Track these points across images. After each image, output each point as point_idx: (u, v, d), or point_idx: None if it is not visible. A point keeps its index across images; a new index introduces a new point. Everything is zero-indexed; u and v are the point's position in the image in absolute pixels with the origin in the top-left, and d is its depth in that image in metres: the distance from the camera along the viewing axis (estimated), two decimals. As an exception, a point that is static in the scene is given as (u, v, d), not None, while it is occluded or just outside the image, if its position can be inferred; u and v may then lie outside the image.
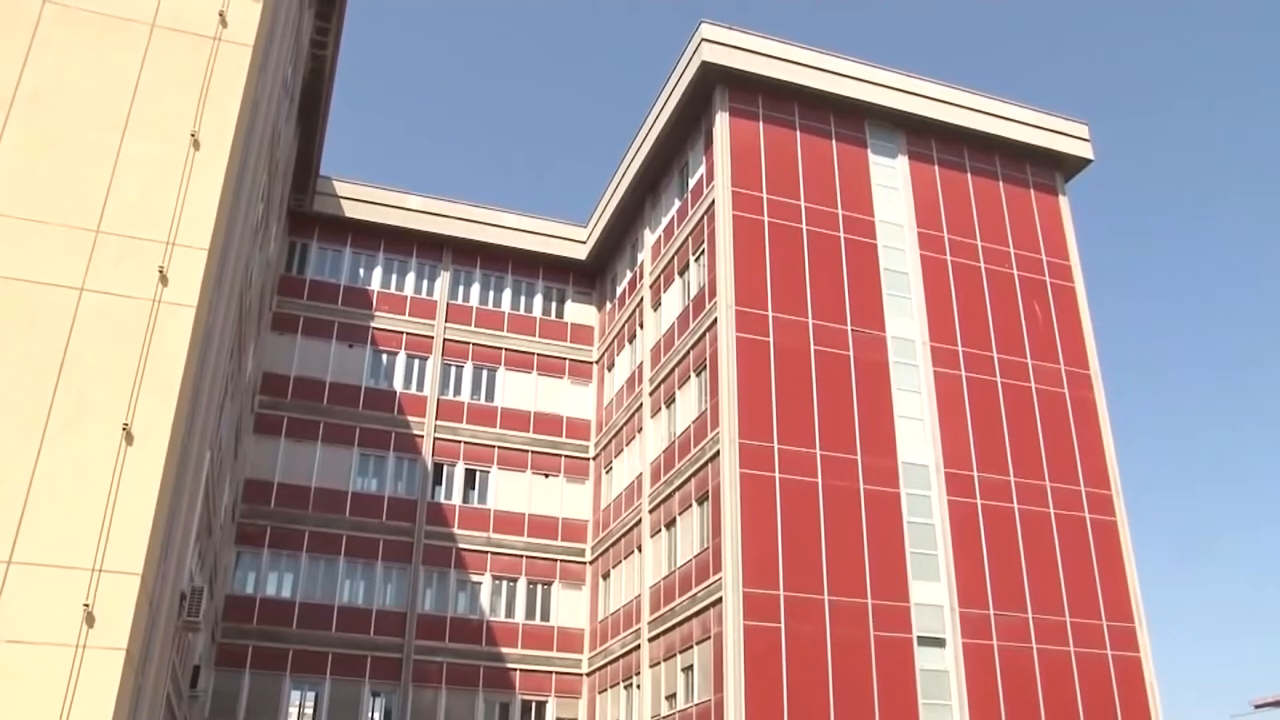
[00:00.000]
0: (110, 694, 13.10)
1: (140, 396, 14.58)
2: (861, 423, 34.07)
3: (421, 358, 43.78)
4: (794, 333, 34.44)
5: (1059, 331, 38.42)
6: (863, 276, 36.38)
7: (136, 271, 15.34)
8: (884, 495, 33.36)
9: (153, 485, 14.18)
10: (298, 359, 41.91)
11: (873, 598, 31.84)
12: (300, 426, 40.92)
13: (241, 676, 36.86)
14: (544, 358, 45.45)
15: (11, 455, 13.86)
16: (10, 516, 13.56)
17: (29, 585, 13.31)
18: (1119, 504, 36.34)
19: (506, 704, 39.63)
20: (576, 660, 41.01)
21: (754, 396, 33.01)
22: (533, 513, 42.56)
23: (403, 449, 41.90)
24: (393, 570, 40.18)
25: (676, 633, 33.49)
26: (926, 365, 35.93)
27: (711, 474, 32.80)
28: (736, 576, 30.54)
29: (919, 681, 31.50)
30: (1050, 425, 36.63)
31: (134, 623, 13.52)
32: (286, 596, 38.61)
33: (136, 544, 13.83)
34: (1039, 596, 33.88)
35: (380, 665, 38.53)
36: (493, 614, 40.66)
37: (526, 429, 43.84)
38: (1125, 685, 33.75)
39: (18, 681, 12.86)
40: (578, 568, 42.42)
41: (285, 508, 39.53)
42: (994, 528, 34.35)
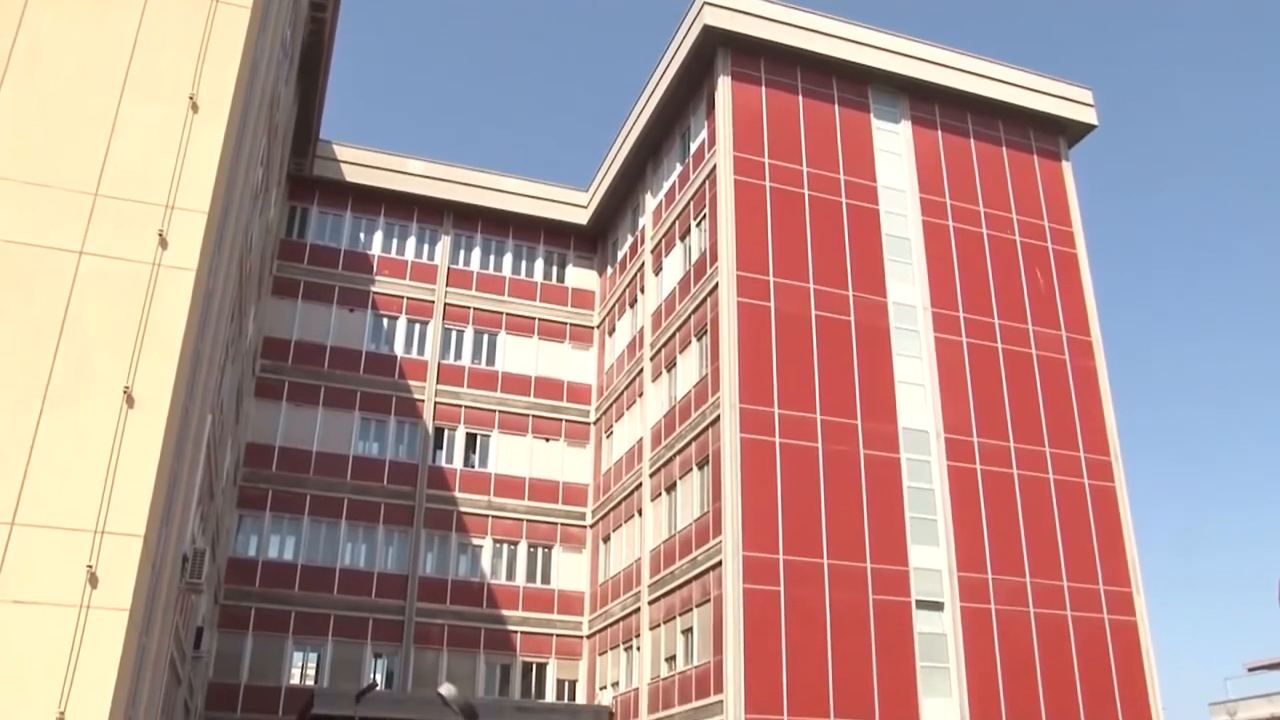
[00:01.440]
0: (114, 654, 13.20)
1: (141, 360, 14.59)
2: (862, 388, 34.12)
3: (422, 322, 43.79)
4: (795, 298, 34.42)
5: (1060, 298, 38.39)
6: (864, 242, 36.31)
7: (136, 235, 15.32)
8: (884, 460, 33.47)
9: (154, 448, 14.23)
10: (298, 323, 41.93)
11: (872, 562, 32.03)
12: (301, 390, 41.00)
13: (244, 638, 37.15)
14: (545, 322, 45.45)
15: (13, 418, 13.90)
16: (13, 479, 13.63)
17: (32, 547, 13.39)
18: (1118, 470, 36.45)
19: (507, 665, 39.96)
20: (577, 623, 41.29)
21: (755, 361, 33.04)
22: (533, 476, 42.72)
23: (404, 413, 42.00)
24: (394, 533, 40.39)
25: (676, 595, 33.70)
26: (927, 331, 35.93)
27: (712, 438, 32.89)
28: (736, 540, 30.71)
29: (917, 644, 31.74)
30: (1051, 391, 36.67)
31: (136, 584, 13.61)
32: (288, 559, 38.84)
33: (138, 506, 13.90)
34: (1037, 561, 34.06)
35: (382, 627, 38.82)
36: (493, 577, 40.91)
37: (527, 393, 43.93)
38: (1121, 649, 34.00)
39: (24, 641, 12.96)
40: (578, 531, 42.63)
41: (287, 471, 39.68)
42: (993, 493, 34.48)
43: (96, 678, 13.04)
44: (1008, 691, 32.24)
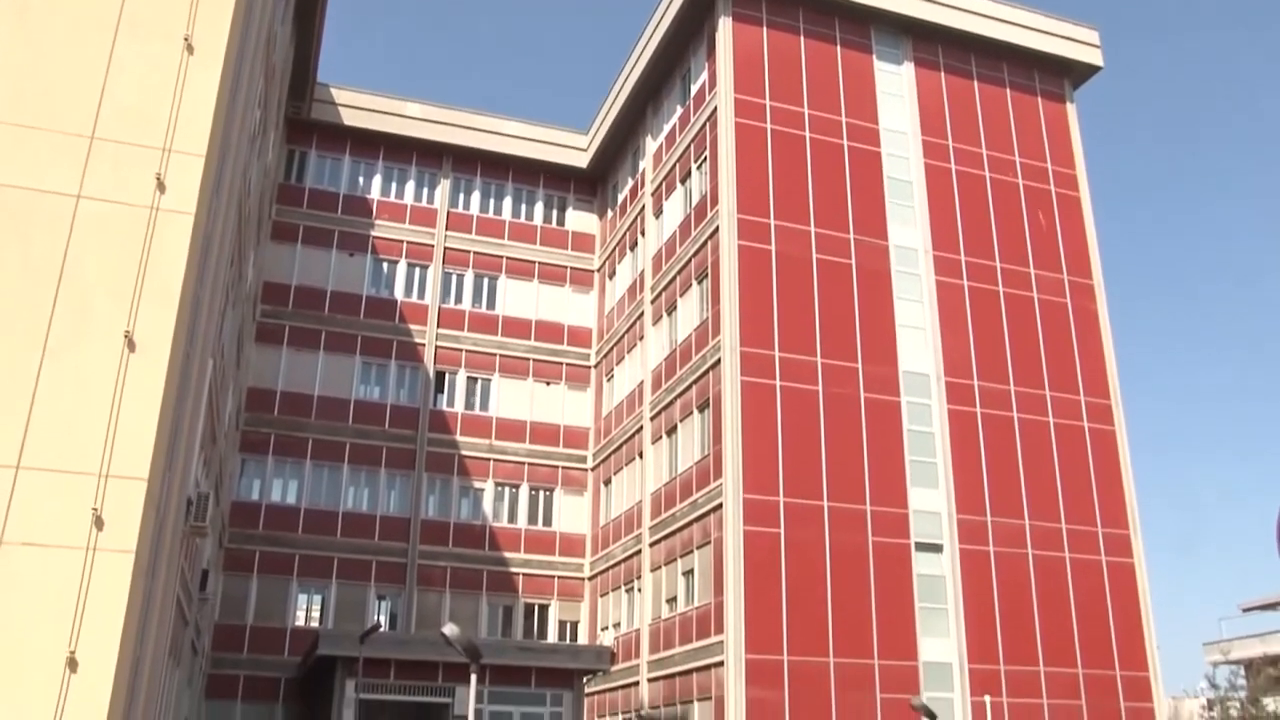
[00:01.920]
0: (121, 595, 13.32)
1: (141, 304, 14.55)
2: (863, 331, 34.12)
3: (422, 266, 43.68)
4: (796, 241, 34.30)
5: (1062, 241, 38.25)
6: (866, 185, 36.11)
7: (133, 178, 15.20)
8: (884, 403, 33.55)
9: (156, 392, 14.24)
10: (298, 268, 41.83)
11: (872, 504, 32.23)
12: (302, 335, 41.01)
13: (249, 580, 37.50)
14: (545, 266, 45.34)
15: (14, 363, 13.89)
16: (16, 423, 13.65)
17: (38, 490, 13.45)
18: (1118, 414, 36.54)
19: (509, 607, 40.36)
20: (578, 564, 41.65)
21: (755, 304, 33.01)
22: (534, 420, 42.86)
23: (405, 357, 42.05)
24: (396, 477, 40.60)
25: (677, 538, 33.96)
26: (929, 274, 35.85)
27: (712, 381, 32.95)
28: (737, 482, 30.87)
29: (916, 586, 32.05)
30: (1051, 335, 36.67)
31: (141, 526, 13.69)
32: (291, 503, 39.09)
33: (141, 450, 13.94)
34: (1036, 503, 34.28)
35: (385, 569, 39.16)
36: (495, 519, 41.19)
37: (528, 337, 43.92)
38: (1118, 590, 34.32)
39: (33, 583, 13.07)
40: (579, 474, 42.85)
41: (288, 415, 39.80)
42: (993, 436, 34.61)
43: (105, 619, 13.17)
44: (1005, 632, 32.60)
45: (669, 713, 32.91)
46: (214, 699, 35.38)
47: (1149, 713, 33.51)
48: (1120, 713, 33.05)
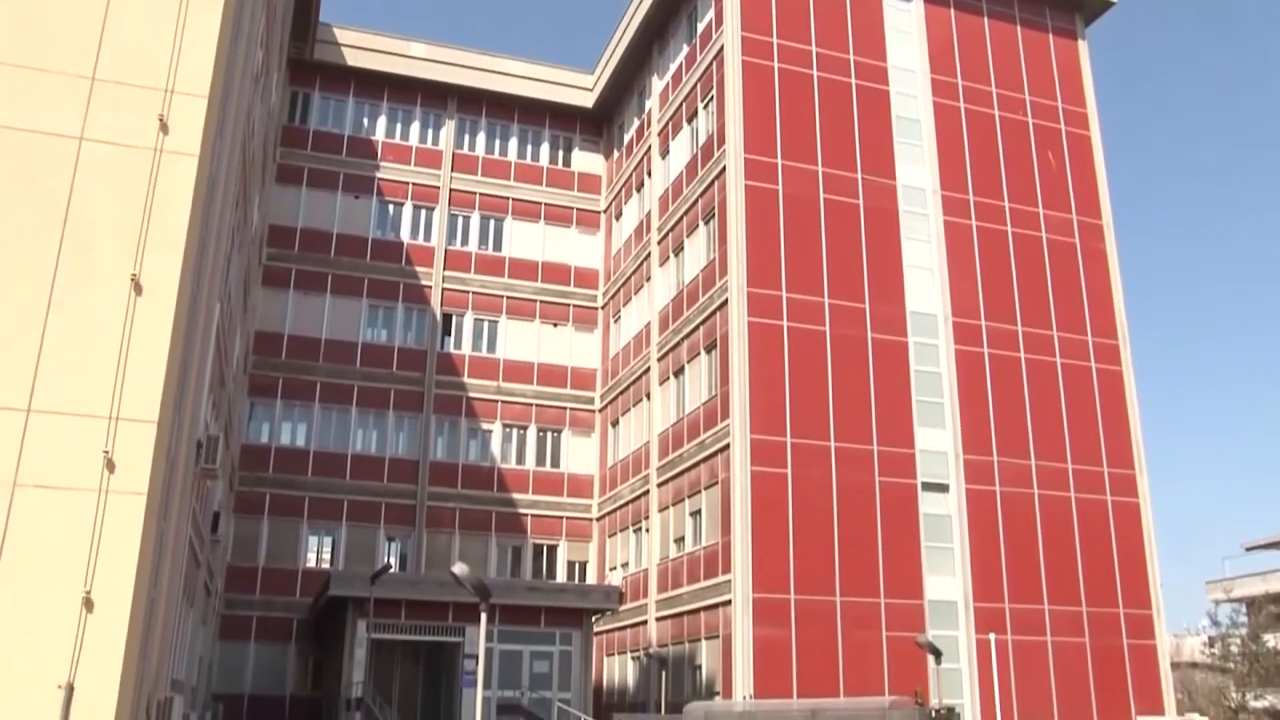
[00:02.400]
0: (134, 537, 13.44)
1: (146, 247, 14.52)
2: (870, 272, 34.00)
3: (428, 208, 43.49)
4: (803, 181, 34.07)
5: (1072, 180, 37.95)
6: (874, 124, 35.77)
7: (136, 120, 15.08)
8: (891, 344, 33.52)
9: (163, 335, 14.26)
10: (303, 210, 41.68)
11: (878, 444, 32.33)
12: (308, 278, 40.96)
13: (260, 522, 37.82)
14: (551, 207, 45.10)
15: (22, 307, 13.90)
16: (25, 367, 13.69)
17: (49, 433, 13.53)
18: (1125, 354, 36.49)
19: (518, 547, 40.70)
20: (586, 505, 41.91)
21: (762, 245, 32.87)
22: (542, 361, 42.91)
23: (411, 299, 42.00)
24: (404, 419, 40.76)
25: (685, 478, 34.13)
26: (937, 214, 35.64)
27: (720, 322, 32.92)
28: (744, 423, 30.96)
29: (922, 525, 32.25)
30: (1060, 275, 36.51)
31: (153, 469, 13.78)
32: (300, 445, 39.30)
33: (151, 393, 13.99)
34: (1042, 444, 34.35)
35: (394, 511, 39.46)
36: (503, 461, 41.40)
37: (535, 278, 43.84)
38: (1123, 529, 34.50)
39: (47, 525, 13.20)
40: (587, 415, 42.98)
41: (296, 359, 39.88)
42: (1000, 376, 34.61)
43: (119, 560, 13.30)
44: (1010, 571, 32.84)
45: (677, 651, 33.29)
46: (228, 640, 35.86)
47: (1151, 650, 33.84)
48: (1123, 650, 33.38)
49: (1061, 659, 32.52)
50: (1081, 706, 32.31)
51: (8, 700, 12.55)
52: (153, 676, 15.65)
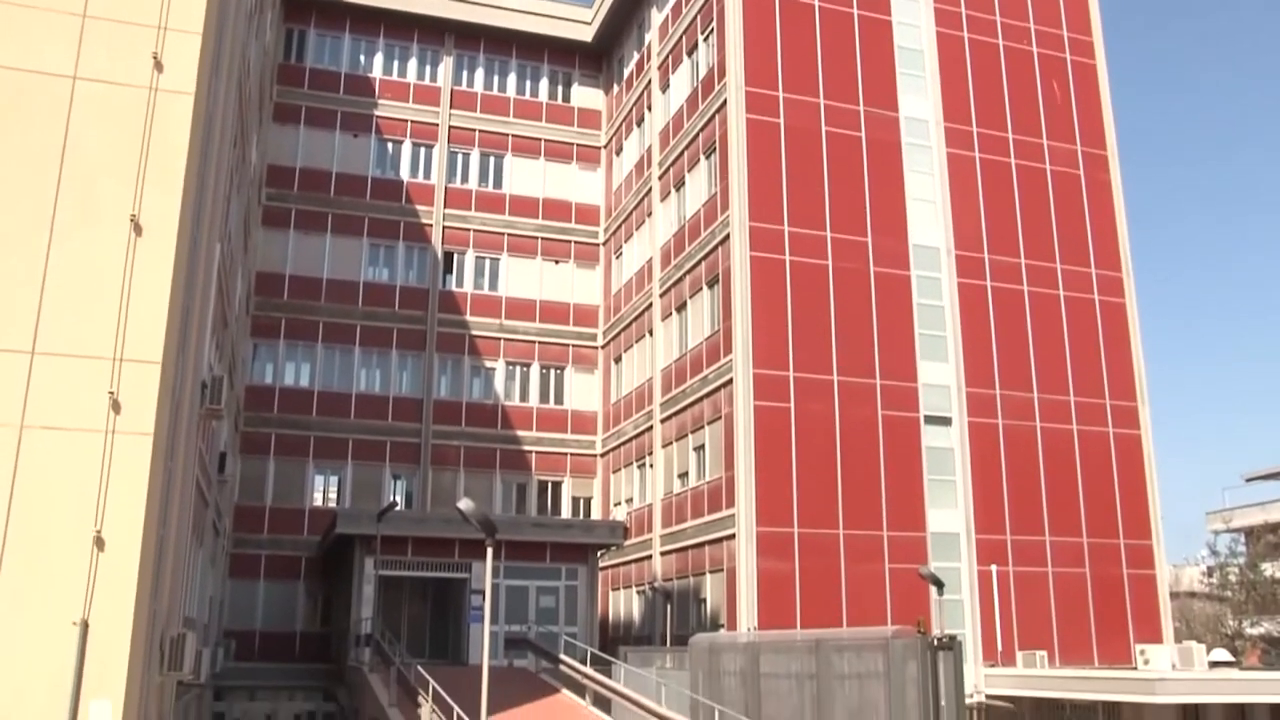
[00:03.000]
0: (142, 476, 13.54)
1: (145, 187, 14.44)
2: (872, 205, 33.82)
3: (427, 146, 43.16)
4: (805, 113, 33.77)
5: (1077, 111, 37.55)
6: (876, 54, 35.35)
7: (129, 58, 14.91)
8: (894, 277, 33.45)
9: (165, 275, 14.23)
10: (302, 150, 41.38)
11: (881, 378, 32.39)
12: (308, 218, 40.78)
13: (266, 462, 38.05)
14: (551, 143, 44.74)
15: (22, 249, 13.86)
16: (28, 309, 13.69)
17: (54, 375, 13.57)
18: (1129, 286, 36.39)
19: (523, 484, 40.97)
20: (590, 441, 42.09)
21: (764, 179, 32.67)
22: (544, 299, 42.85)
23: (412, 238, 41.85)
24: (407, 358, 40.82)
25: (688, 413, 34.24)
26: (940, 146, 35.36)
27: (722, 257, 32.82)
28: (747, 358, 31.00)
29: (924, 458, 32.41)
30: (1063, 207, 36.30)
31: (158, 409, 13.83)
32: (305, 385, 39.40)
33: (154, 333, 14.00)
34: (1045, 376, 34.40)
35: (399, 449, 39.67)
36: (507, 398, 41.53)
37: (535, 215, 43.63)
38: (1124, 461, 34.66)
39: (56, 466, 13.29)
40: (590, 352, 43.02)
41: (298, 299, 39.84)
42: (1003, 309, 34.57)
43: (128, 499, 13.42)
44: (1012, 503, 33.07)
45: (681, 585, 33.65)
46: (237, 578, 36.26)
47: (1150, 580, 34.17)
48: (1123, 580, 33.71)
49: (1062, 589, 32.86)
50: (1081, 635, 32.71)
51: (27, 636, 12.75)
52: (165, 613, 15.86)
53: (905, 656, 15.09)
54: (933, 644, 14.80)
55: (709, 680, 20.91)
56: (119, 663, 13.02)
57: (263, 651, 35.95)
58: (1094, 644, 32.78)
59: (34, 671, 12.71)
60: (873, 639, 16.12)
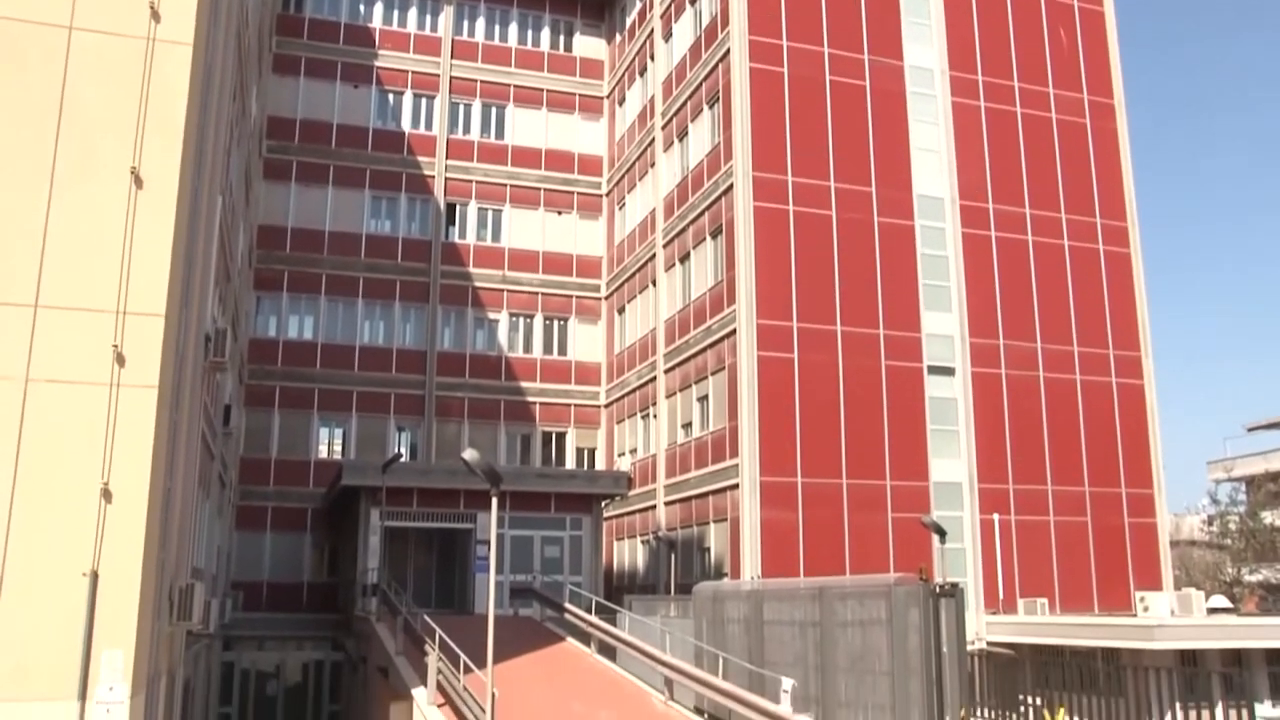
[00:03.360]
0: (147, 429, 13.60)
1: (145, 139, 14.36)
2: (877, 155, 33.63)
3: (429, 97, 42.85)
4: (808, 62, 33.47)
5: (1084, 59, 37.18)
6: (881, 3, 34.99)
7: (126, 8, 14.74)
8: (898, 228, 33.34)
9: (166, 227, 14.20)
10: (302, 101, 41.10)
11: (885, 328, 32.39)
12: (310, 170, 40.61)
13: (271, 415, 38.18)
14: (553, 93, 44.40)
15: (23, 202, 13.82)
16: (30, 262, 13.67)
17: (58, 328, 13.58)
18: (1134, 236, 36.25)
19: (527, 435, 41.12)
20: (594, 392, 42.19)
21: (768, 129, 32.47)
22: (547, 250, 42.75)
23: (414, 190, 41.68)
24: (410, 310, 40.81)
25: (692, 364, 34.29)
26: (945, 95, 35.09)
27: (725, 207, 32.70)
28: (750, 308, 30.99)
29: (927, 408, 32.49)
30: (1069, 157, 36.07)
31: (162, 362, 13.86)
32: (308, 338, 39.45)
33: (157, 286, 13.99)
34: (1048, 327, 34.39)
35: (403, 401, 39.79)
36: (510, 350, 41.57)
37: (538, 166, 43.41)
38: (1127, 411, 34.73)
39: (62, 419, 13.34)
40: (593, 303, 42.99)
41: (301, 252, 39.78)
42: (1007, 260, 34.48)
43: (133, 452, 13.48)
44: (1015, 453, 33.20)
45: (685, 534, 33.88)
46: (244, 530, 36.53)
47: (1151, 528, 34.37)
48: (1124, 529, 33.90)
49: (1063, 537, 33.07)
50: (1082, 583, 32.96)
51: (39, 588, 12.88)
52: (173, 564, 16.00)
53: (907, 604, 15.21)
54: (935, 591, 14.93)
55: (713, 628, 21.12)
56: (129, 613, 13.16)
57: (270, 602, 36.31)
58: (1094, 591, 33.04)
59: (47, 622, 12.86)
60: (875, 586, 16.26)
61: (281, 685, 33.60)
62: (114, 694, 12.97)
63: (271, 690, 33.46)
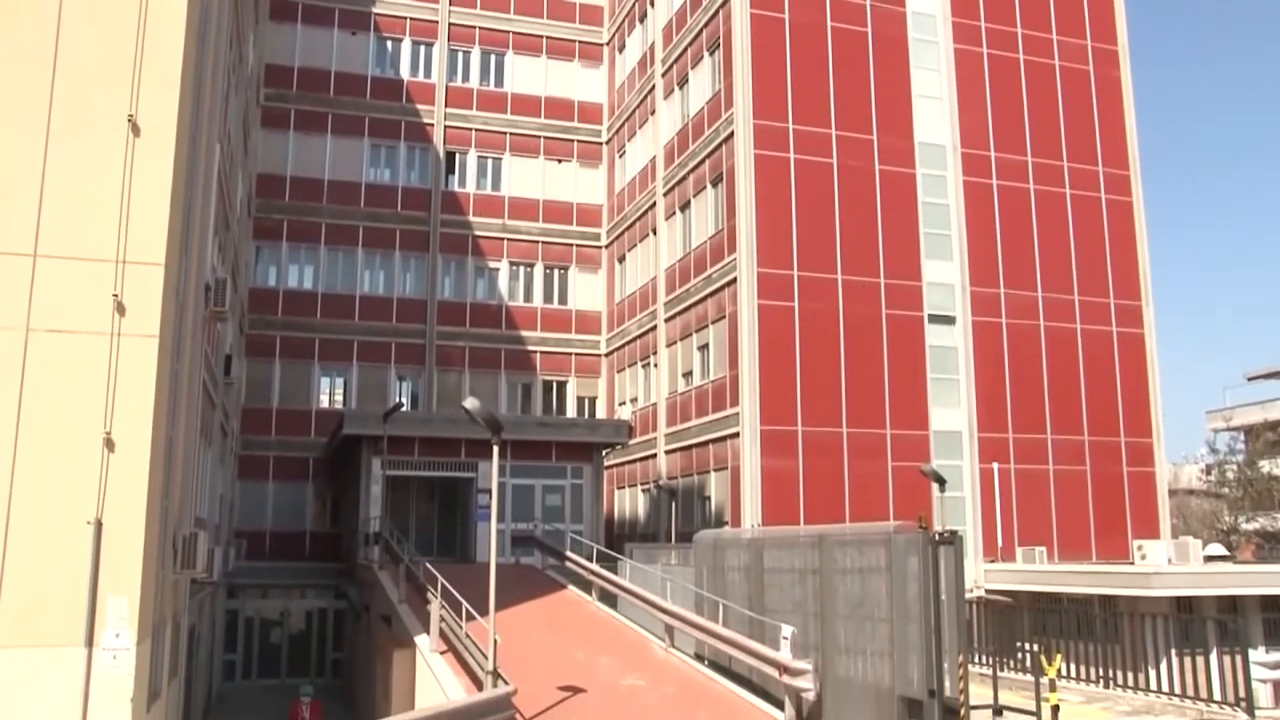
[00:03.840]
0: (149, 378, 13.61)
1: (141, 87, 14.24)
2: (878, 102, 33.36)
3: (427, 44, 42.41)
4: (810, 8, 33.11)
5: (1088, 5, 36.75)
6: (884, -55, 34.51)
7: (121, -47, 14.59)
8: (899, 175, 33.16)
9: (165, 176, 14.12)
10: (300, 49, 40.68)
11: (885, 277, 32.32)
12: (308, 119, 40.31)
13: (272, 365, 38.20)
14: (553, 40, 43.94)
15: (20, 152, 13.73)
16: (28, 212, 13.61)
17: (57, 278, 13.55)
18: (1136, 185, 36.05)
19: (528, 384, 41.17)
20: (595, 341, 42.19)
21: (768, 76, 32.18)
22: (547, 198, 42.54)
23: (413, 138, 41.39)
24: (410, 259, 40.69)
25: (692, 313, 34.26)
26: (947, 42, 34.74)
27: (726, 155, 32.51)
28: (751, 257, 30.91)
29: (928, 357, 32.51)
30: (1072, 104, 35.78)
31: (163, 311, 13.85)
32: (308, 288, 39.37)
33: (156, 235, 13.94)
34: (1049, 275, 34.30)
35: (404, 351, 39.79)
36: (511, 299, 41.51)
37: (538, 114, 43.07)
38: (1127, 361, 34.73)
39: (63, 368, 13.35)
40: (593, 252, 42.86)
41: (299, 201, 39.60)
42: (1009, 208, 34.32)
43: (135, 401, 13.51)
44: (1015, 402, 33.25)
45: (686, 483, 34.03)
46: (246, 479, 36.68)
47: (1150, 477, 34.51)
48: (1123, 477, 34.04)
49: (1062, 486, 33.22)
50: (1080, 532, 33.15)
51: (45, 537, 12.97)
52: (176, 512, 16.10)
53: (907, 551, 15.29)
54: (934, 539, 15.00)
55: (713, 576, 21.26)
56: (133, 560, 13.26)
57: (273, 551, 36.58)
58: (1093, 540, 33.24)
59: (53, 570, 12.97)
60: (875, 534, 16.33)
61: (285, 633, 33.96)
62: (120, 640, 13.11)
63: (275, 638, 33.82)
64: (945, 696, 14.67)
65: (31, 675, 12.72)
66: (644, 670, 19.47)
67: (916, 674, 14.96)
